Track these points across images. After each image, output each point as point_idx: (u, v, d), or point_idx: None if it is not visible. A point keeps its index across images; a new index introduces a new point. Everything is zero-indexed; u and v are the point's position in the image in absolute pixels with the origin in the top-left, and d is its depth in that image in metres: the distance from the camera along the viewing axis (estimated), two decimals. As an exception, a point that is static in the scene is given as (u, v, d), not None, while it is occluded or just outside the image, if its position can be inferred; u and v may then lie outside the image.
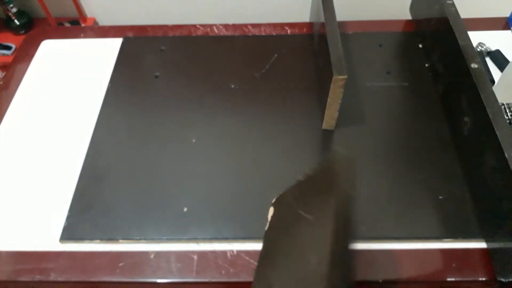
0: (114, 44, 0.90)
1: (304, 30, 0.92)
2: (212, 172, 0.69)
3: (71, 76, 0.85)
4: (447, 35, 0.73)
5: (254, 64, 0.85)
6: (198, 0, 1.49)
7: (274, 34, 0.92)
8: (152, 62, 0.86)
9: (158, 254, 0.62)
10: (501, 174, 0.55)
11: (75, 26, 1.52)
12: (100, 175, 0.69)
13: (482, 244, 0.61)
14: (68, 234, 0.63)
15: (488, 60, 0.85)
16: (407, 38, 0.89)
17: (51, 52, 0.90)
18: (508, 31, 0.90)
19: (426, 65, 0.83)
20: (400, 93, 0.79)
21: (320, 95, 0.77)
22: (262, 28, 0.93)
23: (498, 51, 0.85)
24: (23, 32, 1.54)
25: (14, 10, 1.50)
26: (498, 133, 0.56)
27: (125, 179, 0.69)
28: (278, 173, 0.68)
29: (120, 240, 0.62)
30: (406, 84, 0.81)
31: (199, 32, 0.93)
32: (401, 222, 0.63)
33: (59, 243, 0.63)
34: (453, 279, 0.58)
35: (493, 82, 0.80)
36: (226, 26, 0.93)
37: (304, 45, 0.88)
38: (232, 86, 0.82)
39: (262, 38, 0.91)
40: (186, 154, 0.71)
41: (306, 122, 0.75)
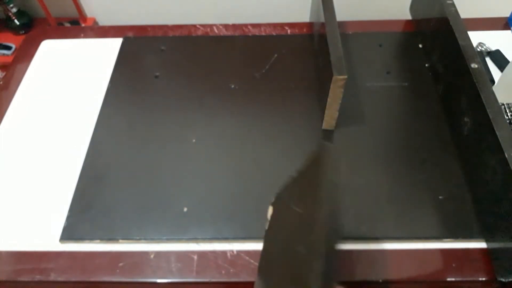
0: (114, 44, 0.90)
1: (304, 30, 0.92)
2: (212, 172, 0.69)
3: (71, 76, 0.85)
4: (447, 35, 0.73)
5: (254, 64, 0.85)
6: (198, 0, 1.49)
7: (274, 34, 0.92)
8: (152, 62, 0.86)
9: (158, 254, 0.62)
10: (501, 174, 0.55)
11: (75, 26, 1.52)
12: (100, 175, 0.69)
13: (482, 244, 0.61)
14: (68, 234, 0.63)
15: (488, 60, 0.85)
16: (407, 38, 0.89)
17: (51, 52, 0.90)
18: (508, 31, 0.90)
19: (426, 65, 0.83)
20: (400, 93, 0.79)
21: (320, 95, 0.77)
22: (262, 28, 0.93)
23: (498, 51, 0.85)
24: (23, 32, 1.54)
25: (14, 10, 1.50)
26: (498, 133, 0.56)
27: (125, 179, 0.69)
28: (278, 173, 0.68)
29: (120, 240, 0.62)
30: (406, 84, 0.81)
31: (199, 32, 0.93)
32: (401, 222, 0.63)
33: (59, 243, 0.63)
34: (453, 279, 0.58)
35: (493, 82, 0.80)
36: (226, 26, 0.93)
37: (304, 45, 0.88)
38: (232, 86, 0.82)
39: (262, 38, 0.91)
40: (186, 154, 0.71)
41: (306, 122, 0.75)
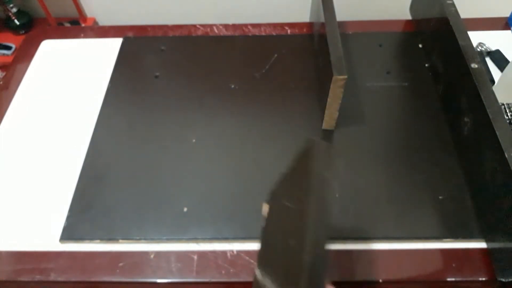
0: (114, 44, 0.90)
1: (304, 30, 0.92)
2: (212, 172, 0.69)
3: (71, 76, 0.85)
4: (447, 35, 0.73)
5: (254, 64, 0.85)
6: (198, 0, 1.49)
7: (274, 34, 0.92)
8: (152, 62, 0.86)
9: (158, 254, 0.62)
10: (501, 174, 0.55)
11: (75, 26, 1.52)
12: (100, 175, 0.69)
13: (482, 244, 0.61)
14: (68, 234, 0.63)
15: (488, 60, 0.85)
16: (407, 38, 0.89)
17: (51, 52, 0.90)
18: (508, 31, 0.90)
19: (426, 65, 0.83)
20: (400, 93, 0.79)
21: (320, 95, 0.77)
22: (262, 28, 0.93)
23: (498, 51, 0.85)
24: (23, 32, 1.54)
25: (14, 10, 1.50)
26: (498, 133, 0.56)
27: (125, 179, 0.69)
28: (278, 173, 0.68)
29: (120, 240, 0.62)
30: (406, 84, 0.81)
31: (199, 32, 0.93)
32: (401, 222, 0.63)
33: (59, 243, 0.63)
34: (453, 279, 0.58)
35: (493, 82, 0.80)
36: (226, 26, 0.93)
37: (304, 45, 0.88)
38: (232, 86, 0.82)
39: (262, 38, 0.91)
40: (186, 154, 0.71)
41: (306, 122, 0.75)
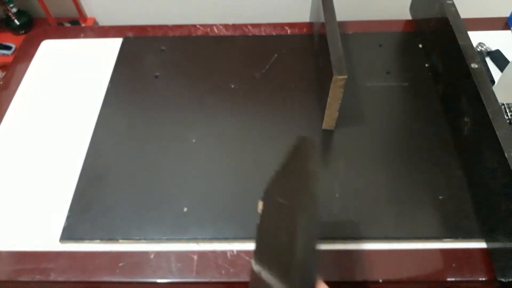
0: (114, 44, 0.90)
1: (304, 30, 0.92)
2: (212, 172, 0.69)
3: (71, 76, 0.85)
4: (447, 35, 0.73)
5: (254, 64, 0.85)
6: (198, 0, 1.49)
7: (274, 34, 0.92)
8: (152, 62, 0.86)
9: (158, 254, 0.62)
10: (501, 174, 0.55)
11: (75, 26, 1.52)
12: (100, 175, 0.69)
13: (482, 244, 0.61)
14: (68, 234, 0.63)
15: (488, 60, 0.85)
16: (407, 38, 0.89)
17: (51, 52, 0.90)
18: (508, 31, 0.90)
19: (426, 65, 0.83)
20: (400, 93, 0.79)
21: (320, 95, 0.77)
22: (262, 28, 0.93)
23: (498, 51, 0.85)
24: (23, 32, 1.54)
25: (14, 10, 1.50)
26: (498, 133, 0.56)
27: (125, 179, 0.69)
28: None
29: (120, 240, 0.62)
30: (406, 84, 0.81)
31: (199, 32, 0.93)
32: (401, 222, 0.63)
33: (59, 243, 0.63)
34: (453, 279, 0.58)
35: (493, 82, 0.80)
36: (226, 26, 0.93)
37: (304, 45, 0.88)
38: (232, 86, 0.82)
39: (262, 38, 0.91)
40: (186, 154, 0.71)
41: (306, 122, 0.75)
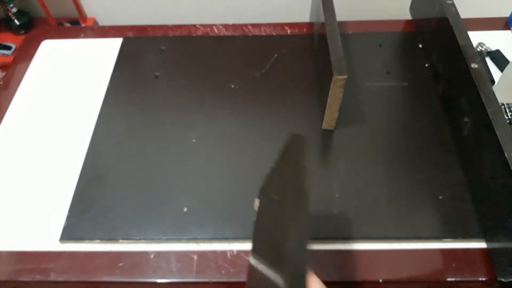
0: (114, 44, 0.90)
1: (304, 30, 0.92)
2: (212, 172, 0.69)
3: (71, 76, 0.85)
4: (447, 35, 0.73)
5: (254, 64, 0.85)
6: (198, 0, 1.49)
7: (274, 34, 0.92)
8: (152, 62, 0.86)
9: (158, 254, 0.62)
10: (501, 174, 0.55)
11: (75, 26, 1.52)
12: (100, 175, 0.69)
13: (482, 244, 0.61)
14: (68, 234, 0.63)
15: (488, 60, 0.85)
16: (407, 38, 0.89)
17: (51, 52, 0.90)
18: (508, 31, 0.90)
19: (426, 65, 0.83)
20: (400, 93, 0.79)
21: (320, 95, 0.77)
22: (262, 28, 0.93)
23: (498, 51, 0.85)
24: (23, 32, 1.54)
25: (14, 10, 1.50)
26: (498, 133, 0.56)
27: (125, 179, 0.69)
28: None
29: (120, 240, 0.62)
30: (406, 84, 0.81)
31: (199, 32, 0.93)
32: (401, 222, 0.63)
33: (59, 243, 0.63)
34: (453, 279, 0.58)
35: (493, 82, 0.80)
36: (226, 26, 0.93)
37: (304, 45, 0.88)
38: (232, 86, 0.82)
39: (262, 38, 0.91)
40: (186, 154, 0.71)
41: (306, 122, 0.75)
